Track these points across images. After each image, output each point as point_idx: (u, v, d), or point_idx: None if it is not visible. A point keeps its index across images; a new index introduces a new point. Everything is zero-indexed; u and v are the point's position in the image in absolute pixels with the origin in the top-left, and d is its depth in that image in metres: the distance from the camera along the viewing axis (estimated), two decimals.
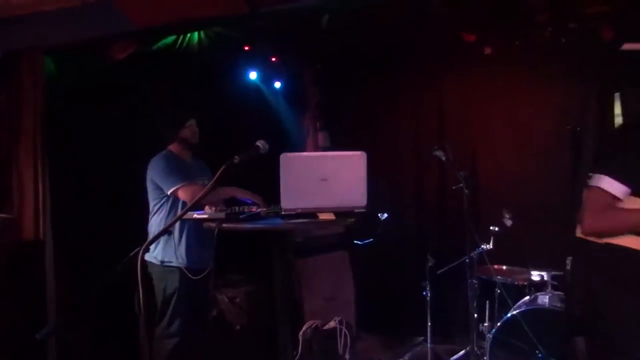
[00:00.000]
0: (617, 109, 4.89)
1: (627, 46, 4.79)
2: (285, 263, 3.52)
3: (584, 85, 4.93)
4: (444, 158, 4.03)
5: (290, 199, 3.18)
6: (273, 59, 5.50)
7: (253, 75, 5.54)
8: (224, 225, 2.92)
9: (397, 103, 5.52)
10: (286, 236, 3.34)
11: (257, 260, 3.90)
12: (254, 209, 3.27)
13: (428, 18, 4.79)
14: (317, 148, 5.73)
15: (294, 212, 3.18)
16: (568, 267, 3.23)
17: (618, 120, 4.90)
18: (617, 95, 4.86)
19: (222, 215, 3.03)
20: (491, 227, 4.10)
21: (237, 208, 3.29)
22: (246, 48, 4.98)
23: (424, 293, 4.34)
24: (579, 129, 3.62)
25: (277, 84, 5.74)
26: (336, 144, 5.62)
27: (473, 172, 5.00)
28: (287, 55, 5.42)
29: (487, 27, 5.06)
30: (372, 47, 5.35)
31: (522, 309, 3.76)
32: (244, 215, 3.08)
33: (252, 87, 5.61)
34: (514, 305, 3.89)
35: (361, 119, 5.57)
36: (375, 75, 5.53)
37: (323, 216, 3.31)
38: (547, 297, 3.83)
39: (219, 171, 2.62)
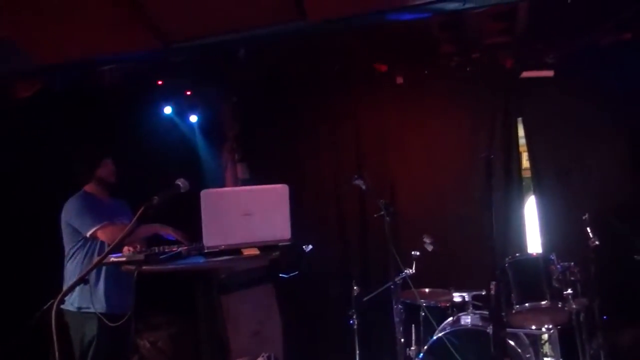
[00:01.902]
0: (521, 133, 5.29)
1: (526, 74, 5.20)
2: (210, 302, 3.47)
3: (491, 111, 5.28)
4: (363, 187, 4.16)
5: (213, 235, 3.18)
6: (188, 93, 5.47)
7: (168, 109, 5.48)
8: (144, 267, 2.86)
9: (315, 133, 5.64)
10: (209, 274, 3.30)
11: (180, 300, 3.82)
12: (174, 248, 3.22)
13: (342, 50, 4.98)
14: (236, 180, 5.72)
15: (217, 250, 3.17)
16: (492, 292, 3.42)
17: (521, 143, 5.29)
18: (519, 120, 5.26)
19: (141, 257, 2.96)
20: (412, 252, 4.25)
21: (156, 249, 3.22)
22: (159, 82, 4.94)
23: (351, 322, 4.40)
24: (492, 156, 3.85)
25: (193, 118, 5.70)
26: (256, 176, 5.64)
27: (393, 199, 5.17)
28: (203, 88, 5.42)
29: (397, 58, 5.33)
30: (289, 78, 5.47)
31: (447, 330, 3.91)
32: (165, 256, 3.02)
33: (168, 122, 5.54)
34: (438, 327, 4.03)
35: (280, 150, 5.63)
36: (293, 106, 5.63)
37: (247, 251, 3.32)
38: (469, 317, 4.01)
39: (138, 212, 2.57)
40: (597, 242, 3.92)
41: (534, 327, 3.89)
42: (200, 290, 3.30)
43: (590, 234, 3.93)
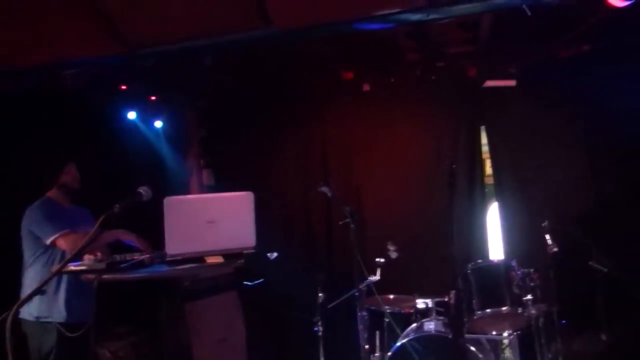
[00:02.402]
0: (483, 140, 5.43)
1: (489, 83, 5.34)
2: (172, 310, 3.46)
3: (455, 119, 5.41)
4: (329, 194, 4.21)
5: (176, 243, 3.18)
6: (152, 98, 5.44)
7: (132, 115, 5.44)
8: (105, 276, 2.85)
9: (281, 140, 5.68)
10: (172, 283, 3.30)
11: (142, 309, 3.80)
12: (136, 256, 3.22)
13: (309, 57, 5.03)
14: (201, 187, 5.71)
15: (180, 258, 3.18)
16: (452, 301, 3.52)
17: (484, 150, 5.43)
18: (482, 128, 5.39)
19: (102, 265, 2.94)
20: (377, 259, 4.31)
21: (118, 257, 3.21)
22: (123, 87, 4.90)
23: (315, 329, 4.44)
24: (454, 166, 3.95)
25: (158, 123, 5.67)
26: (221, 182, 5.64)
27: (358, 206, 5.24)
28: (168, 94, 5.40)
29: (363, 65, 5.41)
30: (256, 84, 5.50)
31: (410, 336, 3.98)
32: (126, 265, 3.01)
33: (132, 128, 5.49)
34: (402, 333, 4.10)
35: (246, 157, 5.65)
36: (260, 112, 5.66)
37: (211, 259, 3.33)
38: (433, 323, 4.09)
39: (99, 221, 2.57)
40: (555, 249, 4.07)
41: (494, 333, 3.98)
42: (163, 298, 3.29)
43: (549, 241, 4.07)
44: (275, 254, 4.02)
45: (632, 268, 3.96)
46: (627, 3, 3.50)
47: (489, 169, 5.54)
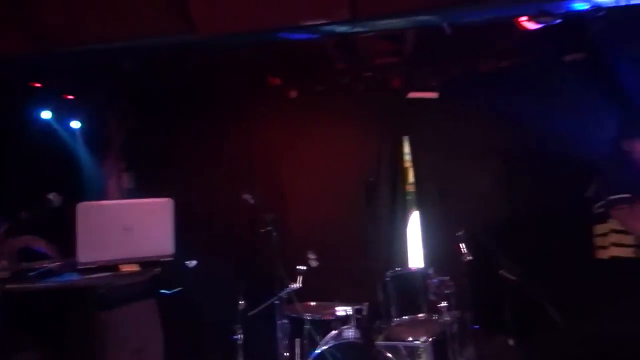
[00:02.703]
0: (406, 150, 5.60)
1: (412, 94, 5.52)
2: (85, 320, 3.37)
3: (379, 128, 5.55)
4: (252, 201, 4.22)
5: (89, 251, 3.11)
6: (69, 97, 5.23)
7: (46, 114, 5.20)
8: (9, 286, 2.74)
9: (206, 145, 5.60)
10: (84, 292, 3.21)
11: (52, 318, 3.65)
12: (45, 264, 3.11)
13: (235, 61, 5.01)
14: (120, 191, 5.54)
15: (93, 266, 3.10)
16: (364, 312, 3.61)
17: (407, 159, 5.60)
18: (405, 138, 5.56)
19: (5, 274, 2.83)
20: (298, 267, 4.35)
21: (25, 265, 3.09)
22: (38, 85, 4.69)
23: (235, 337, 4.41)
24: (371, 178, 4.08)
25: (75, 124, 5.45)
26: (142, 187, 5.50)
27: (283, 214, 5.26)
28: (87, 93, 5.22)
29: (291, 72, 5.45)
30: (181, 87, 5.41)
31: (329, 344, 4.04)
32: (34, 273, 2.91)
33: (46, 128, 5.25)
34: (321, 340, 4.16)
35: (169, 161, 5.53)
36: (184, 116, 5.56)
37: (125, 268, 3.27)
38: (352, 330, 4.17)
39: (3, 229, 2.47)
40: (470, 258, 4.27)
41: (411, 339, 4.11)
42: (74, 308, 3.19)
43: (464, 250, 4.27)
44: (194, 262, 3.98)
45: (539, 276, 4.20)
46: (538, 26, 3.74)
47: (412, 178, 5.71)
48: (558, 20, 3.56)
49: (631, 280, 3.21)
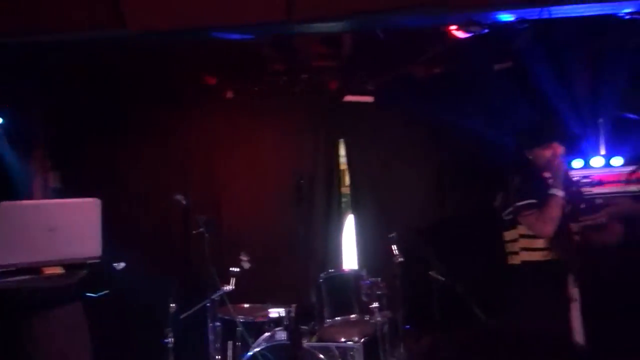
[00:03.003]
0: (342, 152, 5.68)
1: (348, 98, 5.61)
2: (4, 325, 3.25)
3: (315, 130, 5.61)
4: (184, 202, 4.18)
5: (9, 253, 3.00)
6: None
7: None
8: None
9: (138, 144, 5.47)
10: (3, 295, 3.09)
11: None
12: None
13: (170, 58, 4.94)
14: (46, 190, 5.34)
15: (13, 268, 3.00)
16: (292, 314, 3.65)
17: (343, 161, 5.68)
18: (341, 141, 5.65)
19: None
20: (231, 269, 4.34)
21: None
22: None
23: (165, 341, 4.35)
24: (302, 180, 4.13)
25: None
26: (70, 186, 5.32)
27: (217, 215, 5.22)
28: (8, 88, 4.99)
29: (227, 72, 5.42)
30: (113, 83, 5.28)
31: (262, 346, 4.05)
32: None
33: None
34: (254, 342, 4.16)
35: (99, 160, 5.38)
36: (116, 114, 5.42)
37: (49, 270, 3.17)
38: (285, 332, 4.18)
39: None
40: (401, 259, 4.38)
41: (343, 340, 4.18)
42: None
43: (396, 251, 4.37)
44: (122, 264, 3.89)
45: (467, 278, 4.36)
46: (467, 35, 3.90)
47: (348, 180, 5.80)
48: (486, 30, 3.73)
49: (542, 281, 3.40)
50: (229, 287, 4.30)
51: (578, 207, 3.52)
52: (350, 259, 5.60)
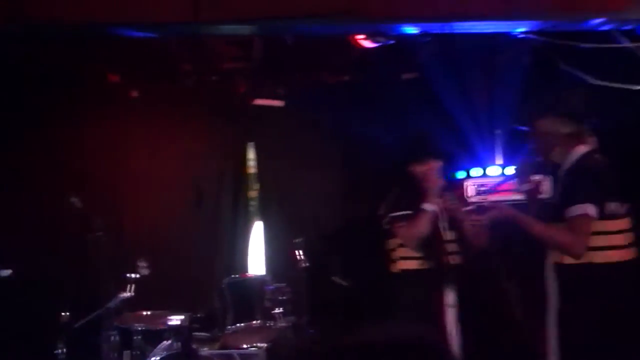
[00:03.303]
0: (250, 156, 5.65)
1: (258, 101, 5.60)
2: None
3: (224, 133, 5.53)
4: (80, 205, 3.99)
5: None
6: None
7: None
8: None
9: (34, 143, 5.13)
10: None
11: None
12: None
13: (71, 53, 4.71)
14: None
15: None
16: (186, 323, 3.56)
17: (252, 165, 5.65)
18: (250, 145, 5.62)
19: None
20: (129, 275, 4.18)
21: None
22: None
23: (57, 352, 4.12)
24: (198, 185, 4.06)
25: None
26: None
27: (116, 219, 5.02)
28: None
29: (132, 70, 5.23)
30: (7, 78, 4.94)
31: (161, 355, 3.93)
32: None
33: None
34: (152, 351, 4.03)
35: None
36: (10, 110, 5.07)
37: None
38: (184, 340, 4.07)
39: None
40: (307, 264, 4.42)
41: (245, 346, 4.14)
42: None
43: (301, 257, 4.40)
44: (8, 271, 3.65)
45: (369, 282, 4.46)
46: (374, 45, 4.01)
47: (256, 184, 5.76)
48: (392, 41, 3.85)
49: (418, 288, 3.53)
50: (126, 294, 4.14)
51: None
52: (257, 264, 5.57)
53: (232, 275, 4.36)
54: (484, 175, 4.86)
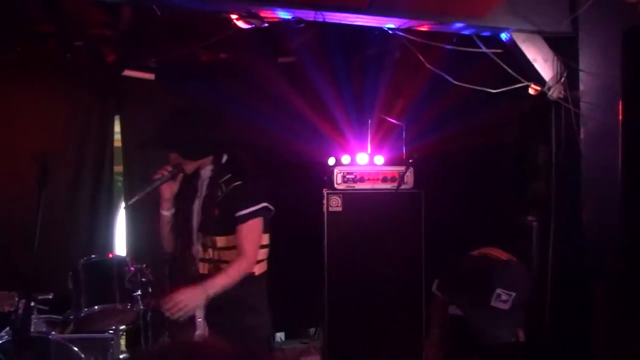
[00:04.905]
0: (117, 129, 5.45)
1: (127, 72, 5.39)
2: None
3: (88, 103, 5.28)
4: None
5: None
6: None
7: None
8: None
9: None
10: None
11: None
12: None
13: None
14: None
15: None
16: (20, 311, 3.41)
17: (117, 139, 5.45)
18: (117, 117, 5.41)
19: None
20: None
21: None
22: None
23: None
24: (44, 158, 3.86)
25: None
26: None
27: None
28: None
29: None
30: None
31: (5, 338, 3.75)
32: None
33: None
34: None
35: None
36: None
37: None
38: (34, 322, 3.92)
39: None
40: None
41: (100, 329, 4.05)
42: None
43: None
44: None
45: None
46: (248, 26, 4.01)
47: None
48: (266, 25, 3.87)
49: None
50: None
51: None
52: (121, 245, 5.42)
53: (91, 256, 4.19)
54: (353, 163, 5.09)
